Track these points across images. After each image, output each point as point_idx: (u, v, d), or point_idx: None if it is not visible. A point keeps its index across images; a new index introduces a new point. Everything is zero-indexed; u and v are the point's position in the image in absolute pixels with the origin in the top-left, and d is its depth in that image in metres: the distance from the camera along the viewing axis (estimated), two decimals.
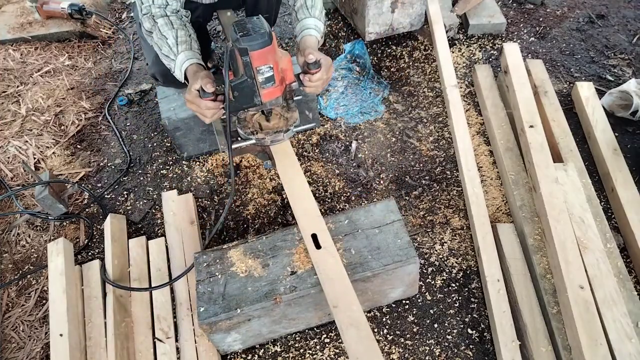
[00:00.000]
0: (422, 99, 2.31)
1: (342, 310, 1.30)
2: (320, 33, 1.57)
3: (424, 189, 1.97)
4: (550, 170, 1.68)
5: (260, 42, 1.20)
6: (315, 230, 1.44)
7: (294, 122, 1.50)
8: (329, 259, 1.39)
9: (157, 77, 1.83)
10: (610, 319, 1.38)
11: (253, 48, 1.20)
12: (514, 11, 2.78)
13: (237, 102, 1.34)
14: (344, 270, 1.37)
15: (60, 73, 2.65)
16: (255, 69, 1.25)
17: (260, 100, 1.34)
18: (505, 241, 1.67)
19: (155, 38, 1.48)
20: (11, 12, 2.93)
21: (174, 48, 1.44)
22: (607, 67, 2.40)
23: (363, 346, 1.25)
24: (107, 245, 1.74)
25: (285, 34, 2.77)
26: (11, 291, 1.82)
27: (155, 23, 1.47)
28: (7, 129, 2.36)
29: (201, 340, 1.56)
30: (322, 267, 1.38)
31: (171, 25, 1.47)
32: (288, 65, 1.37)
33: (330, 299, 1.33)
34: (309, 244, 1.42)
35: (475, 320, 1.62)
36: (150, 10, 1.48)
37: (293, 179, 1.53)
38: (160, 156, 2.20)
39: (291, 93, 1.47)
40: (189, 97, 1.38)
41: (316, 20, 1.56)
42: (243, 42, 1.19)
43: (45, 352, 1.64)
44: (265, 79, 1.28)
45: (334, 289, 1.34)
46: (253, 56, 1.22)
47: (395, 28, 2.48)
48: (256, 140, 1.48)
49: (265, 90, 1.32)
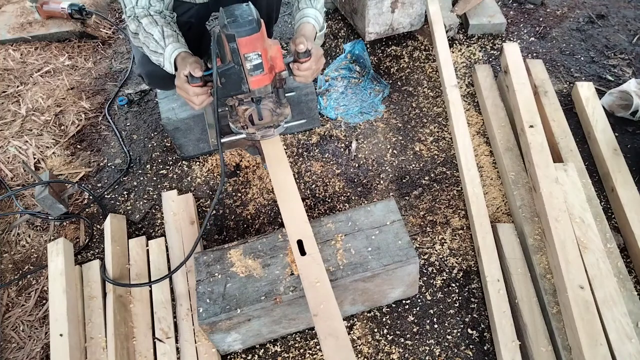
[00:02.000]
0: (422, 99, 2.31)
1: (322, 319, 1.30)
2: (319, 25, 1.57)
3: (424, 189, 1.97)
4: (550, 170, 1.68)
5: (248, 28, 1.19)
6: (301, 236, 1.43)
7: (284, 118, 1.50)
8: (313, 266, 1.38)
9: (143, 77, 1.83)
10: (610, 319, 1.38)
11: (240, 35, 1.19)
12: (514, 11, 2.78)
13: (224, 89, 1.33)
14: (327, 278, 1.36)
15: (60, 73, 2.65)
16: (243, 56, 1.24)
17: (248, 87, 1.34)
18: (505, 241, 1.67)
19: (142, 37, 1.48)
20: (11, 12, 2.93)
21: (161, 42, 1.44)
22: (607, 67, 2.40)
23: (341, 356, 1.25)
24: (107, 245, 1.74)
25: (285, 34, 2.77)
26: (11, 291, 1.82)
27: (139, 23, 1.47)
28: (7, 129, 2.36)
29: (201, 340, 1.56)
30: (305, 274, 1.37)
31: (155, 23, 1.47)
32: (277, 54, 1.35)
33: (312, 306, 1.32)
34: (295, 250, 1.41)
35: (475, 320, 1.62)
36: (133, 12, 1.49)
37: (282, 183, 1.51)
38: (160, 156, 2.20)
39: (281, 82, 1.46)
40: (177, 82, 1.38)
41: (317, 12, 1.56)
42: (230, 28, 1.18)
43: (45, 352, 1.64)
44: (253, 67, 1.28)
45: (316, 297, 1.33)
46: (240, 43, 1.21)
47: (395, 28, 2.48)
48: (246, 134, 1.48)
49: (253, 78, 1.31)
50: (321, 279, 1.36)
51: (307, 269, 1.38)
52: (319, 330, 1.29)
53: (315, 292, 1.34)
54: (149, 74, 1.77)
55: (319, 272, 1.37)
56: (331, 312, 1.31)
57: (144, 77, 1.83)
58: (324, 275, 1.36)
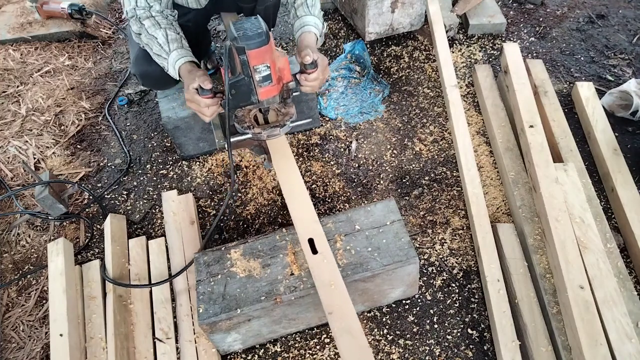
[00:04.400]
0: (422, 99, 2.31)
1: (338, 317, 1.30)
2: (319, 31, 1.59)
3: (424, 189, 1.97)
4: (550, 170, 1.68)
5: (257, 41, 1.22)
6: (312, 235, 1.43)
7: (290, 117, 1.52)
8: (325, 264, 1.39)
9: (137, 76, 1.84)
10: (610, 319, 1.38)
11: (250, 47, 1.23)
12: (514, 11, 2.78)
13: (234, 100, 1.37)
14: (340, 276, 1.37)
15: (60, 73, 2.65)
16: (253, 68, 1.28)
17: (257, 98, 1.37)
18: (505, 241, 1.67)
19: (144, 39, 1.50)
20: (11, 12, 2.93)
21: (165, 46, 1.46)
22: (607, 67, 2.40)
23: (357, 354, 1.24)
24: (107, 245, 1.74)
25: (285, 35, 2.77)
26: (11, 291, 1.82)
27: (142, 25, 1.49)
28: (7, 129, 2.36)
29: (201, 340, 1.56)
30: (317, 272, 1.37)
31: (158, 26, 1.49)
32: (285, 65, 1.39)
33: (326, 305, 1.32)
34: (306, 249, 1.41)
35: (475, 320, 1.62)
36: (135, 13, 1.50)
37: (291, 182, 1.53)
38: (160, 156, 2.20)
39: (288, 92, 1.50)
40: (187, 95, 1.41)
41: (316, 19, 1.58)
42: (240, 41, 1.22)
43: (45, 352, 1.64)
44: (262, 78, 1.31)
45: (330, 296, 1.33)
46: (250, 55, 1.24)
47: (395, 28, 2.48)
48: (252, 134, 1.49)
49: (262, 89, 1.34)
50: (335, 279, 1.36)
51: (319, 268, 1.38)
52: (334, 328, 1.29)
53: (328, 290, 1.34)
54: (143, 73, 1.77)
55: (332, 272, 1.37)
56: (346, 309, 1.31)
57: (138, 77, 1.83)
58: (336, 273, 1.37)
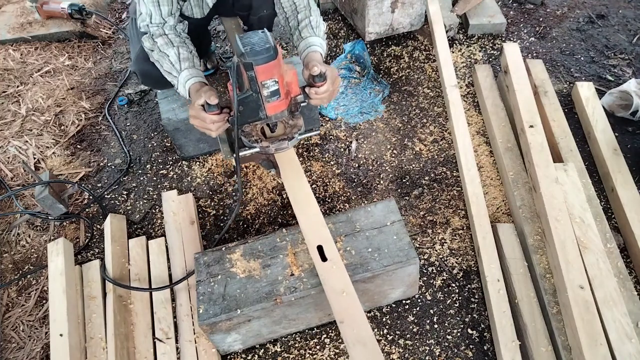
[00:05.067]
0: (422, 99, 2.31)
1: (349, 326, 1.29)
2: (324, 52, 1.58)
3: (424, 189, 1.97)
4: (550, 170, 1.68)
5: (265, 56, 1.20)
6: (320, 241, 1.42)
7: (298, 130, 1.50)
8: (335, 272, 1.37)
9: (137, 74, 1.84)
10: (610, 319, 1.38)
11: (258, 62, 1.20)
12: (514, 11, 2.78)
13: (242, 116, 1.34)
14: (351, 284, 1.35)
15: (60, 73, 2.65)
16: (261, 84, 1.26)
17: (265, 114, 1.35)
18: (505, 241, 1.67)
19: (156, 55, 1.50)
20: (11, 12, 2.93)
21: (177, 65, 1.46)
22: (607, 67, 2.40)
23: None
24: (107, 245, 1.74)
25: (285, 35, 2.77)
26: (11, 291, 1.82)
27: (154, 42, 1.50)
28: (7, 129, 2.36)
29: (201, 340, 1.56)
30: (328, 280, 1.36)
31: (171, 44, 1.49)
32: (293, 79, 1.37)
33: (337, 313, 1.31)
34: (315, 256, 1.40)
35: (475, 320, 1.62)
36: (148, 30, 1.51)
37: (299, 190, 1.51)
38: (160, 156, 2.19)
39: (296, 106, 1.47)
40: (192, 112, 1.38)
41: (321, 40, 1.57)
42: (248, 57, 1.20)
43: (45, 352, 1.64)
44: (270, 93, 1.29)
45: (341, 304, 1.32)
46: (258, 71, 1.22)
47: (395, 28, 2.48)
48: (260, 148, 1.48)
49: (270, 104, 1.32)
50: (346, 287, 1.34)
51: (329, 275, 1.37)
52: (346, 337, 1.27)
53: (339, 298, 1.33)
54: (143, 72, 1.77)
55: (342, 279, 1.35)
56: (358, 318, 1.29)
57: (139, 75, 1.83)
58: (347, 281, 1.35)
